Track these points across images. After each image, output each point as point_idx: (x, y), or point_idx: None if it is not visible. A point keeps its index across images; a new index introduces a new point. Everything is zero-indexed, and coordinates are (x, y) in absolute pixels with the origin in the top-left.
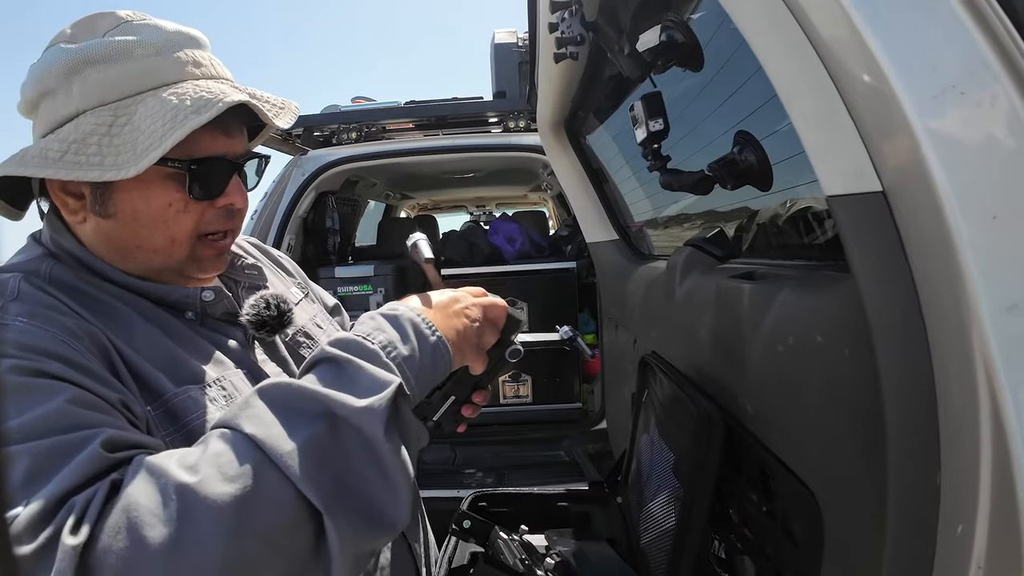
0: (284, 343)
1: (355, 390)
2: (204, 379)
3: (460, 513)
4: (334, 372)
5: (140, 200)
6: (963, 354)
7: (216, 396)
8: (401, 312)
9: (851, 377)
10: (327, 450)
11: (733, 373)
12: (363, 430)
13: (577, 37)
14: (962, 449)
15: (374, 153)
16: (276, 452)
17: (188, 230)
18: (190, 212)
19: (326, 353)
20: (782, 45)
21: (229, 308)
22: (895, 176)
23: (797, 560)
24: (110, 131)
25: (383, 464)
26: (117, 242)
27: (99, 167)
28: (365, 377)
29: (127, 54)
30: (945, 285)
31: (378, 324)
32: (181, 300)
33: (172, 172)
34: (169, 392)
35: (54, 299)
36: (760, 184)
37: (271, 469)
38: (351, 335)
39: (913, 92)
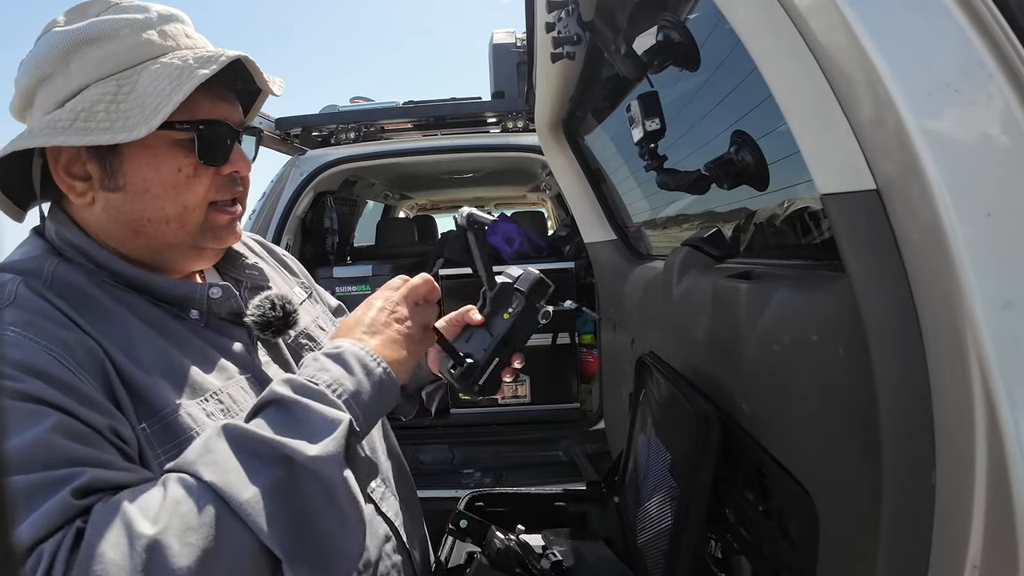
0: (287, 345)
1: (308, 433)
2: (204, 391)
3: (457, 513)
4: (283, 414)
5: (150, 168)
6: (958, 352)
7: (214, 411)
8: (344, 348)
9: (846, 376)
10: (286, 496)
11: (730, 373)
12: (320, 474)
13: (574, 37)
14: (957, 447)
15: (372, 153)
16: (236, 500)
17: (200, 196)
18: (200, 178)
19: (275, 395)
20: (777, 44)
21: (235, 308)
22: (889, 174)
23: (793, 559)
24: (116, 98)
25: (339, 504)
26: (128, 216)
27: (110, 131)
28: (315, 418)
29: (122, 29)
30: (939, 283)
31: (321, 364)
32: (187, 295)
33: (179, 137)
34: (167, 408)
35: (52, 307)
36: (756, 184)
37: (231, 517)
38: (297, 376)
39: (907, 90)
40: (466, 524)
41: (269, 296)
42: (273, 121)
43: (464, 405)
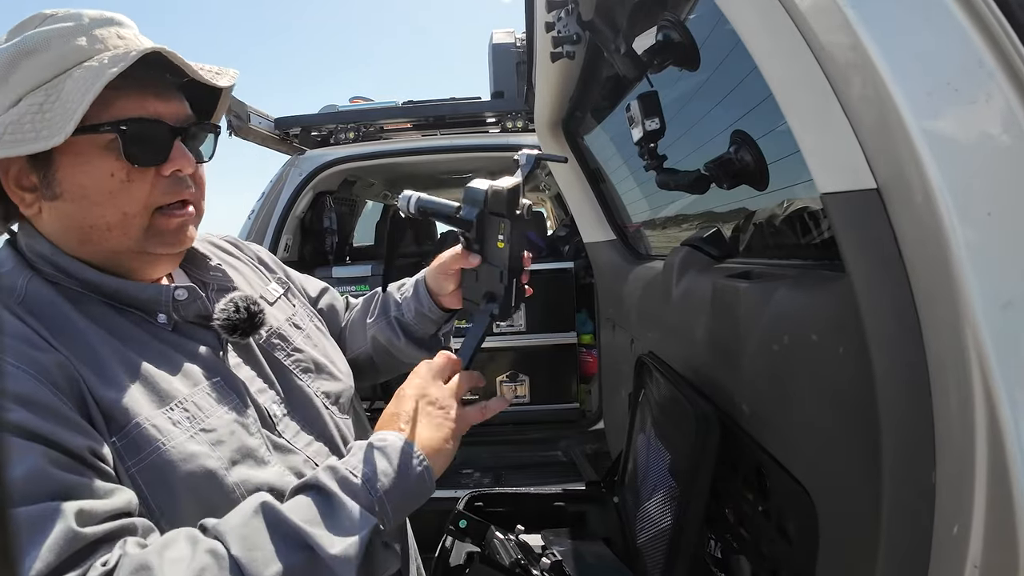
0: (258, 345)
1: (336, 527)
2: (171, 399)
3: (456, 513)
4: (320, 502)
5: (82, 174)
6: (958, 351)
7: (180, 419)
8: (390, 443)
9: (846, 376)
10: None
11: (729, 372)
12: (335, 572)
13: (573, 36)
14: (957, 447)
15: (372, 153)
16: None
17: (139, 201)
18: (136, 181)
19: (317, 481)
20: (777, 44)
21: (202, 310)
22: (889, 173)
23: (792, 559)
24: (42, 108)
25: None
26: (72, 223)
27: (34, 140)
28: (346, 515)
29: (52, 39)
30: (939, 282)
31: (365, 456)
32: (153, 299)
33: (108, 140)
34: (132, 422)
35: (27, 327)
36: (756, 184)
37: None
38: (341, 466)
39: (907, 89)
40: (465, 524)
41: (233, 298)
42: (272, 121)
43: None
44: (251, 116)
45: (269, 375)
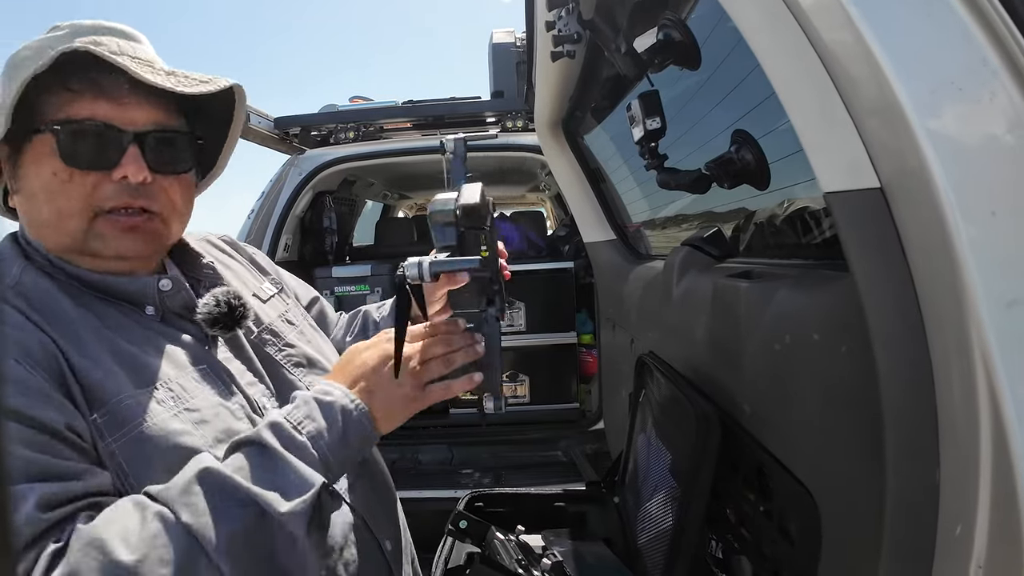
0: (249, 341)
1: (282, 486)
2: (155, 380)
3: (456, 513)
4: (264, 460)
5: (33, 174)
6: (962, 351)
7: (164, 398)
8: (335, 397)
9: (849, 375)
10: (253, 541)
11: (730, 372)
12: (286, 527)
13: (574, 35)
14: (962, 447)
15: (372, 153)
16: (208, 540)
17: (76, 202)
18: (76, 183)
19: (260, 438)
20: (780, 42)
21: (187, 301)
22: (893, 172)
23: (794, 560)
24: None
25: (300, 555)
26: (27, 217)
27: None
28: (292, 473)
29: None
30: (944, 281)
31: (310, 411)
32: (140, 291)
33: (51, 140)
34: (115, 398)
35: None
36: (757, 183)
37: (202, 555)
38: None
39: (911, 88)
40: (466, 525)
41: (215, 293)
42: (272, 120)
43: (463, 405)
44: (250, 116)
45: (259, 369)
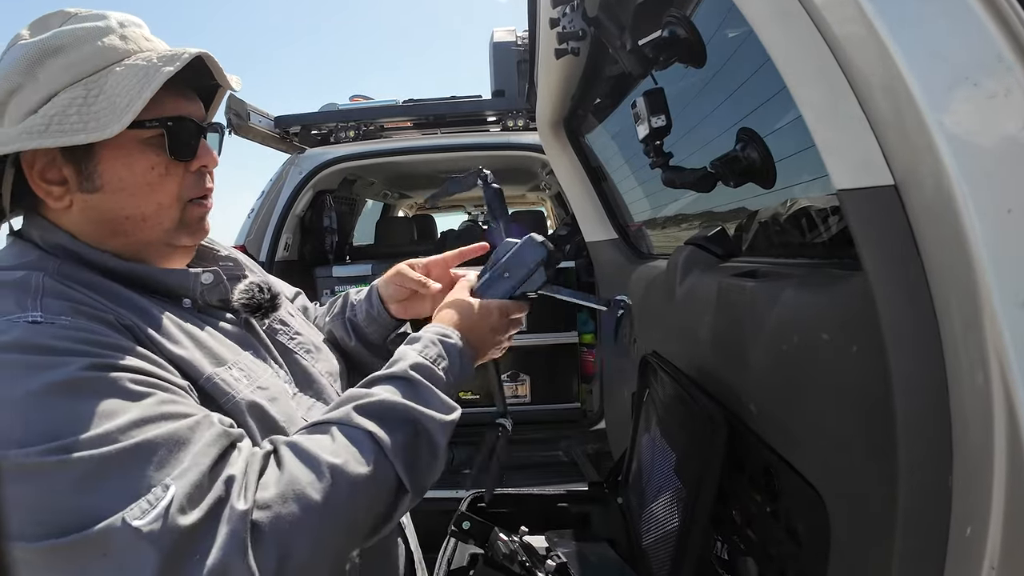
0: (263, 330)
1: (432, 406)
2: (225, 360)
3: (459, 514)
4: (412, 390)
5: (123, 168)
6: (976, 350)
7: (238, 376)
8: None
9: (859, 375)
10: (413, 446)
11: (735, 372)
12: (435, 440)
13: (579, 32)
14: (975, 447)
15: (372, 152)
16: (386, 445)
17: (173, 193)
18: (171, 175)
19: (405, 373)
20: (792, 37)
21: (224, 294)
22: (907, 169)
23: (802, 561)
24: (86, 101)
25: (438, 461)
26: (107, 215)
27: (83, 131)
28: (435, 400)
29: (85, 37)
30: (958, 280)
31: (439, 351)
32: (181, 284)
33: (149, 136)
34: (203, 376)
35: (82, 295)
36: (763, 182)
37: (383, 459)
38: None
39: (925, 84)
40: (469, 526)
41: (254, 281)
42: (272, 119)
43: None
44: (251, 114)
45: (277, 356)
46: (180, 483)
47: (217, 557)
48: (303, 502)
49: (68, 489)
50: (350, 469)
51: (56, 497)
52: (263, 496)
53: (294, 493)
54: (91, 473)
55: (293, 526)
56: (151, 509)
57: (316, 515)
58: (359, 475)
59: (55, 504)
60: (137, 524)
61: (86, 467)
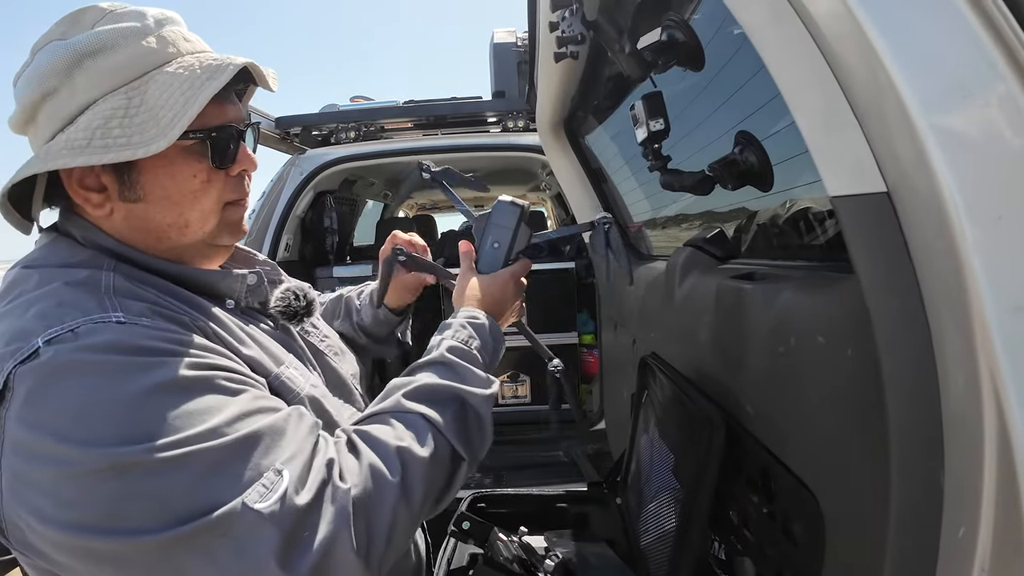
0: (296, 332)
1: (473, 382)
2: (281, 360)
3: (459, 514)
4: (451, 372)
5: (167, 177)
6: (967, 355)
7: (294, 376)
8: (482, 320)
9: (853, 378)
10: (462, 422)
11: (733, 374)
12: (480, 411)
13: (578, 36)
14: (966, 449)
15: (372, 153)
16: (441, 425)
17: (215, 200)
18: (214, 182)
19: (442, 357)
20: (786, 45)
21: (263, 296)
22: (900, 176)
23: (798, 561)
24: (127, 112)
25: (486, 428)
26: (150, 224)
27: (128, 147)
28: (473, 376)
29: (123, 39)
30: (949, 286)
31: (470, 333)
32: (229, 284)
33: (191, 145)
34: (272, 373)
35: (152, 295)
36: (761, 185)
37: (439, 436)
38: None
39: (918, 92)
40: (468, 526)
41: (291, 288)
42: (273, 120)
43: None
44: (251, 115)
45: (311, 359)
46: (291, 467)
47: (327, 531)
48: (382, 481)
49: (187, 482)
50: (414, 450)
51: (175, 490)
52: (354, 478)
53: (373, 473)
54: (207, 465)
55: (376, 501)
56: (269, 493)
57: (394, 491)
58: (422, 453)
59: (174, 497)
60: (259, 507)
61: (201, 460)
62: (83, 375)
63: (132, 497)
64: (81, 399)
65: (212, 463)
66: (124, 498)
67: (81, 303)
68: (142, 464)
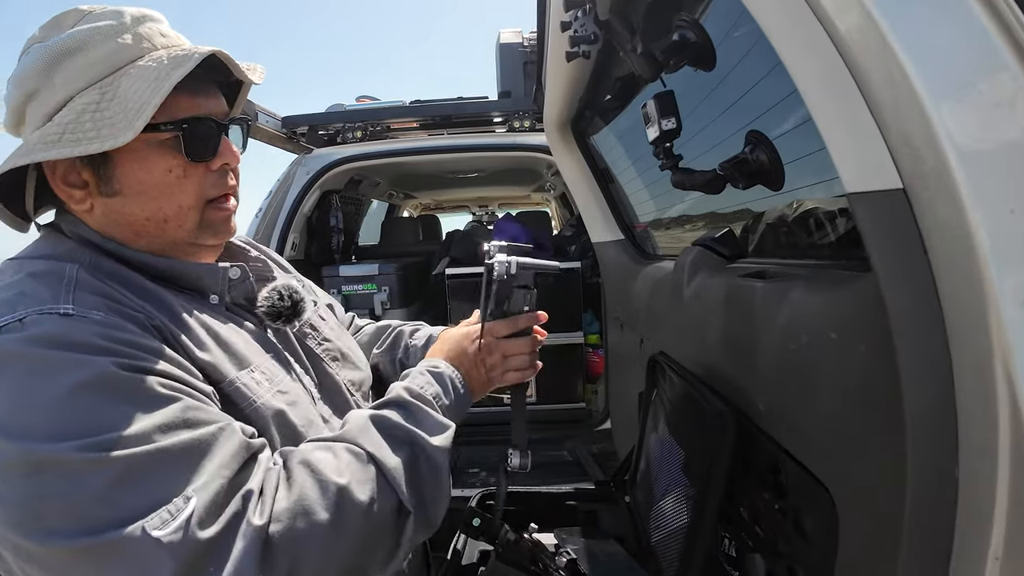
0: (292, 333)
1: (429, 427)
2: (248, 363)
3: (470, 510)
4: (408, 414)
5: (142, 171)
6: (982, 349)
7: (260, 380)
8: (443, 368)
9: (867, 374)
10: (413, 468)
11: (744, 371)
12: (435, 459)
13: (591, 36)
14: (980, 442)
15: (378, 152)
16: (386, 466)
17: (194, 195)
18: (191, 176)
19: (400, 398)
20: (804, 43)
21: (248, 292)
22: (915, 173)
23: (810, 556)
24: (99, 106)
25: (442, 481)
26: (128, 218)
27: (96, 139)
28: (431, 419)
29: (98, 38)
30: (964, 280)
31: (428, 379)
32: (209, 278)
33: (165, 138)
34: (226, 379)
35: (113, 290)
36: (771, 184)
37: (382, 478)
38: (413, 387)
39: (933, 91)
40: (479, 522)
41: (276, 287)
42: (279, 119)
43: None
44: (259, 114)
45: (305, 361)
46: (201, 495)
47: (231, 570)
48: (311, 519)
49: (97, 488)
50: (353, 489)
51: (86, 495)
52: (275, 511)
53: (303, 510)
54: (117, 475)
55: (302, 542)
56: (171, 520)
57: (323, 532)
58: (361, 496)
59: (84, 503)
60: (157, 534)
61: (114, 467)
62: (14, 366)
63: (49, 497)
64: (9, 391)
65: (124, 472)
66: (42, 498)
67: (39, 294)
68: (59, 464)
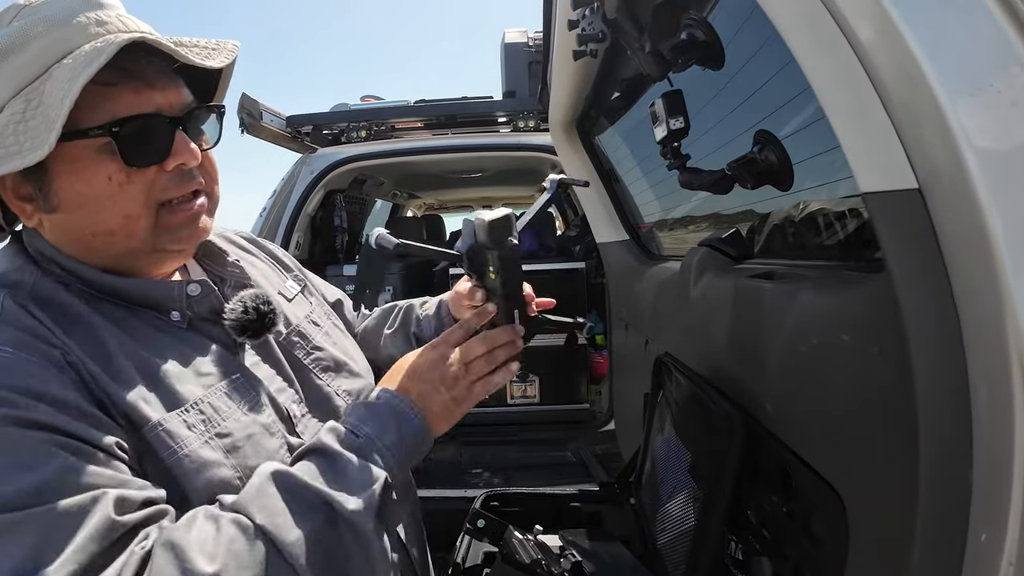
0: (278, 343)
1: (348, 485)
2: (184, 401)
3: (474, 512)
4: (328, 464)
5: (80, 183)
6: (998, 351)
7: (195, 422)
8: (384, 400)
9: (880, 376)
10: (325, 540)
11: (752, 373)
12: (356, 525)
13: (599, 34)
14: (995, 446)
15: (382, 152)
16: (282, 542)
17: (140, 202)
18: (136, 182)
19: (321, 443)
20: (819, 42)
21: (215, 304)
22: (931, 173)
23: (819, 560)
24: (24, 116)
25: (370, 550)
26: (73, 234)
27: (19, 154)
28: (354, 471)
29: (29, 35)
30: (980, 282)
31: (363, 415)
32: (166, 296)
33: (102, 143)
34: (147, 425)
35: (38, 322)
36: (780, 184)
37: (278, 557)
38: (341, 426)
39: (949, 90)
40: (483, 524)
41: (243, 298)
42: (284, 119)
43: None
44: (263, 114)
45: (289, 374)
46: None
47: None
48: None
49: None
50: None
51: None
52: None
53: None
54: None
55: None
56: None
57: None
58: None
59: None
60: None
61: None
62: None
63: None
64: None
65: None
66: None
67: None
68: None
